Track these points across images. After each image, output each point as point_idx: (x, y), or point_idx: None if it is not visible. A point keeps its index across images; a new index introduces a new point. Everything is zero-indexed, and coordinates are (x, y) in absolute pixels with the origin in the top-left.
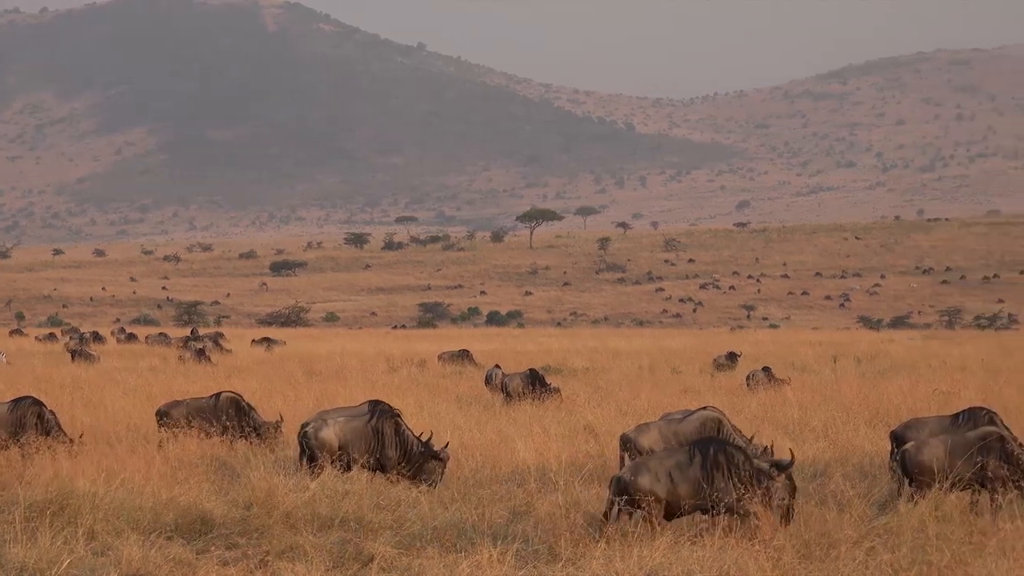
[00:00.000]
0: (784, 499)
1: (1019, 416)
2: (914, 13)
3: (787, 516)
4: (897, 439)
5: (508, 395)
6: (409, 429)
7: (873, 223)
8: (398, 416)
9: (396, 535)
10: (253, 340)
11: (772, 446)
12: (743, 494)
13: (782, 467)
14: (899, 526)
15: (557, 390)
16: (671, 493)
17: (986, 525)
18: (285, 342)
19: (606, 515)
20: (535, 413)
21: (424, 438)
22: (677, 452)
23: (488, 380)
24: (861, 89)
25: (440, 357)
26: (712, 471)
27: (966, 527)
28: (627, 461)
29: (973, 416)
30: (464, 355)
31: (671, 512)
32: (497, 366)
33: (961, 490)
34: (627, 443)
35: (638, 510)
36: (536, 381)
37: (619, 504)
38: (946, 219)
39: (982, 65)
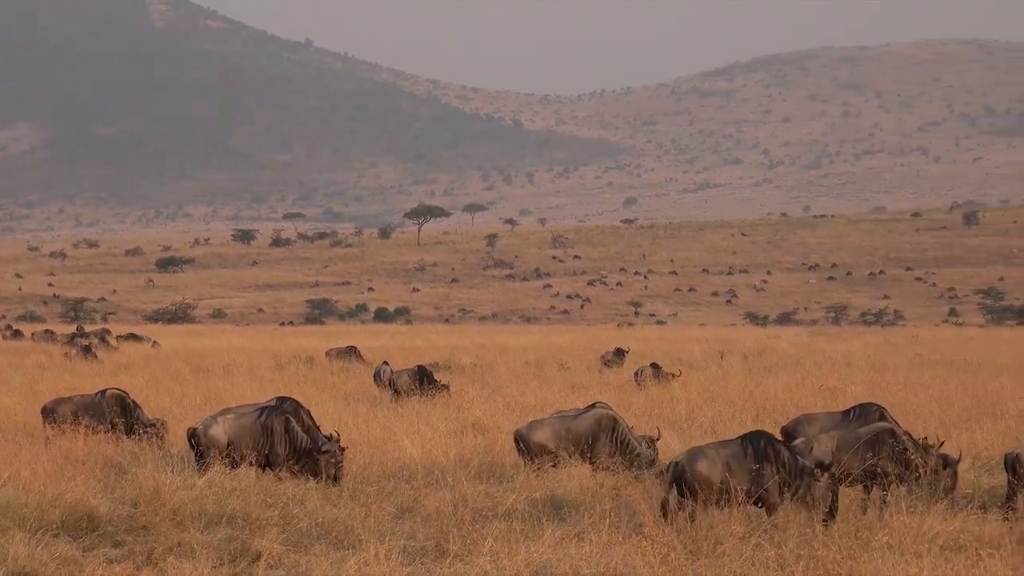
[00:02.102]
0: (827, 497)
1: (905, 411)
2: (800, 11)
3: (831, 513)
4: (787, 435)
5: (396, 392)
6: (315, 426)
7: (759, 220)
8: (288, 414)
9: (283, 532)
10: (118, 336)
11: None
12: (790, 486)
13: (825, 467)
14: (786, 521)
15: (445, 386)
16: (725, 481)
17: (874, 520)
18: (153, 340)
19: (664, 502)
20: (423, 410)
21: (329, 434)
22: (731, 442)
23: (376, 377)
24: (747, 86)
25: (328, 354)
26: (763, 462)
27: (854, 522)
28: (522, 457)
29: (864, 412)
30: (352, 352)
31: (725, 501)
32: (385, 363)
33: (849, 485)
34: (520, 439)
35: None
36: (424, 378)
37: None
38: (832, 216)
39: (868, 62)
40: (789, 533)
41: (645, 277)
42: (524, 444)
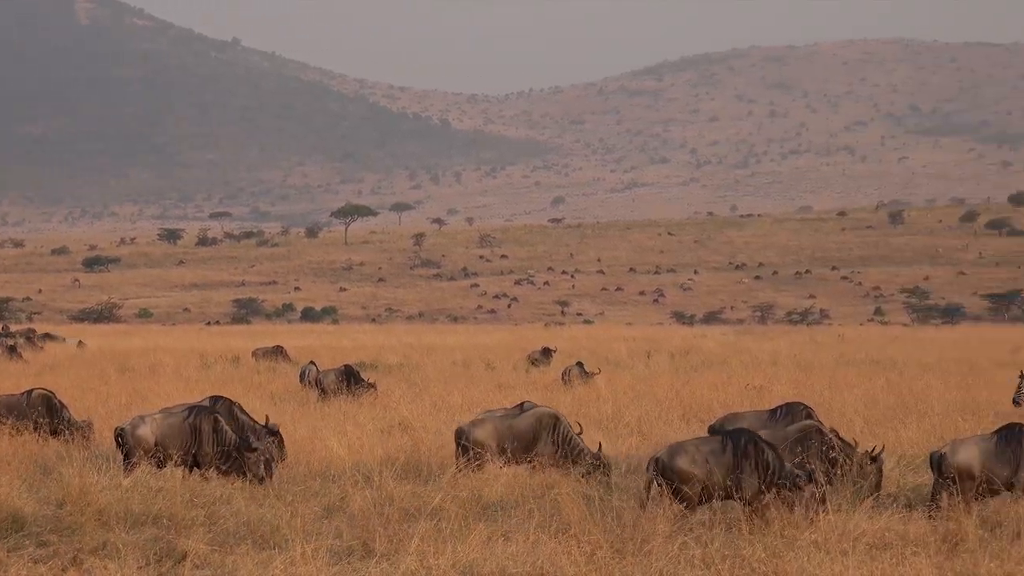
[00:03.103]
0: (812, 505)
1: (831, 410)
2: (728, 10)
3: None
4: (715, 433)
5: (323, 391)
6: (252, 422)
7: (686, 219)
8: (218, 414)
9: (209, 532)
10: (27, 336)
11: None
12: (772, 487)
13: (810, 476)
14: (712, 521)
15: (372, 386)
16: (707, 476)
17: (800, 519)
18: (65, 339)
19: (644, 497)
20: (349, 409)
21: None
22: (711, 439)
23: (302, 376)
24: (675, 86)
25: (254, 353)
26: (743, 460)
27: (780, 521)
28: (460, 454)
29: (790, 411)
30: (278, 351)
31: (705, 496)
32: (312, 362)
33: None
34: (461, 436)
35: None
36: (351, 377)
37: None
38: (759, 215)
39: (795, 62)
40: (715, 532)
41: (572, 276)
42: (465, 441)
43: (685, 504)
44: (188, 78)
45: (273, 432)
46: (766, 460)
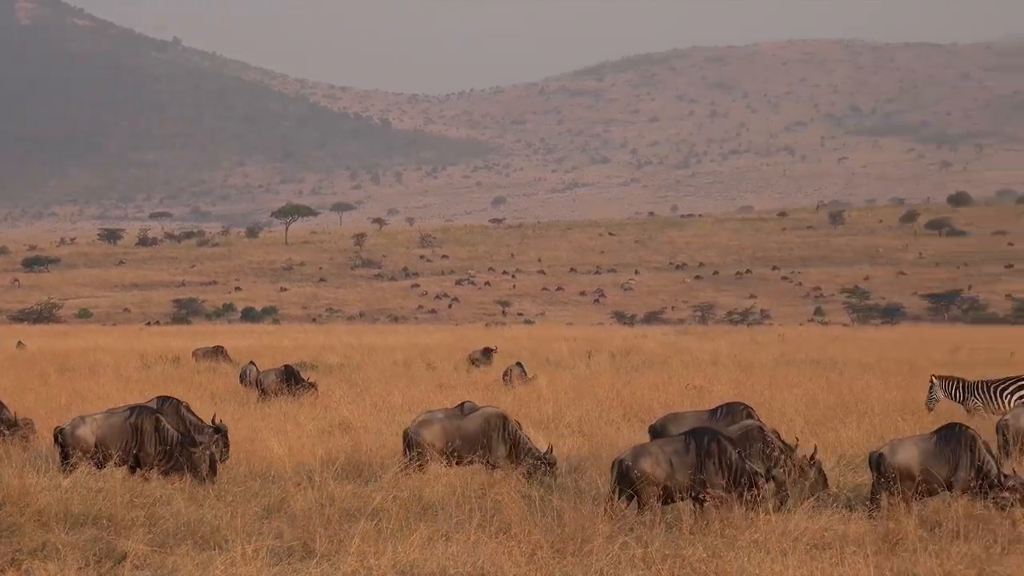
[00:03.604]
0: (774, 503)
1: (771, 410)
2: (669, 11)
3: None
4: (656, 433)
5: (263, 391)
6: (199, 422)
7: (627, 219)
8: (159, 413)
9: (149, 532)
10: None
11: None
12: (737, 486)
13: (770, 474)
14: (653, 520)
15: (312, 386)
16: (670, 477)
17: (740, 518)
18: (4, 339)
19: (609, 499)
20: (290, 409)
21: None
22: (675, 439)
23: (243, 377)
24: (616, 86)
25: (195, 353)
26: (706, 459)
27: (721, 520)
28: (408, 454)
29: (731, 411)
30: (219, 351)
31: (668, 497)
32: (252, 363)
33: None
34: (409, 437)
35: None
36: (291, 377)
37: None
38: (699, 216)
39: (736, 62)
40: (655, 532)
41: (513, 276)
42: (413, 442)
43: (646, 505)
44: (128, 78)
45: (219, 430)
46: (730, 459)
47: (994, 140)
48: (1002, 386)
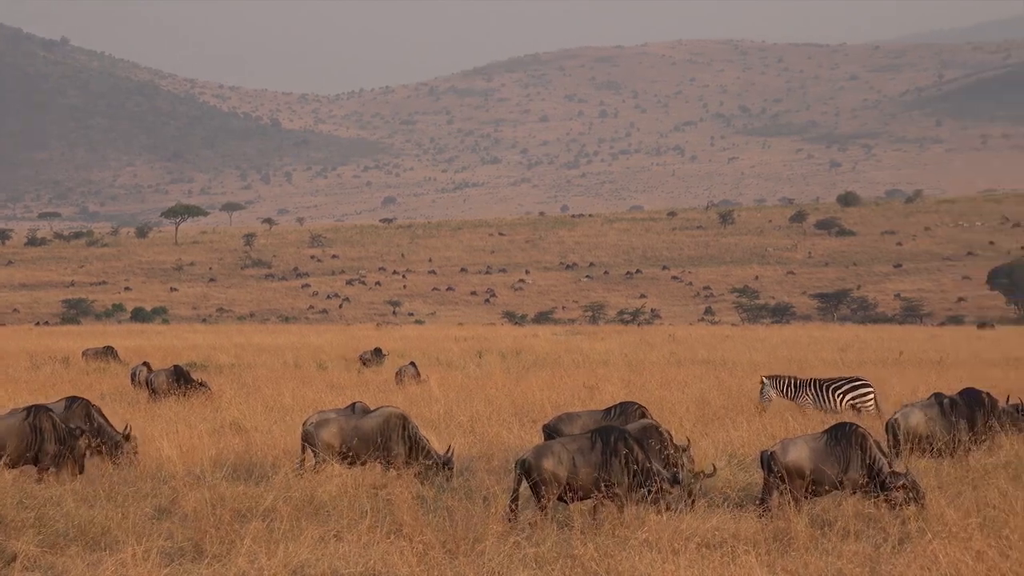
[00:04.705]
0: (678, 505)
1: (662, 409)
2: (557, 11)
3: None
4: (550, 433)
5: (153, 392)
6: (108, 425)
7: (518, 219)
8: (51, 411)
9: (39, 534)
10: None
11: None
12: (642, 485)
13: (676, 480)
14: (545, 520)
15: (203, 386)
16: (572, 476)
17: (631, 518)
18: None
19: (514, 498)
20: (181, 410)
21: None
22: (581, 437)
23: (133, 377)
24: (506, 86)
25: (84, 354)
26: (611, 457)
27: (613, 520)
28: (308, 453)
29: (624, 410)
30: (109, 352)
31: (571, 495)
32: (144, 363)
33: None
34: (307, 436)
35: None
36: (181, 377)
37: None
38: (589, 215)
39: (625, 62)
40: (547, 532)
41: (404, 276)
42: (310, 442)
43: (545, 504)
44: (17, 77)
45: (129, 438)
46: (636, 458)
47: (882, 140)
48: (834, 385)
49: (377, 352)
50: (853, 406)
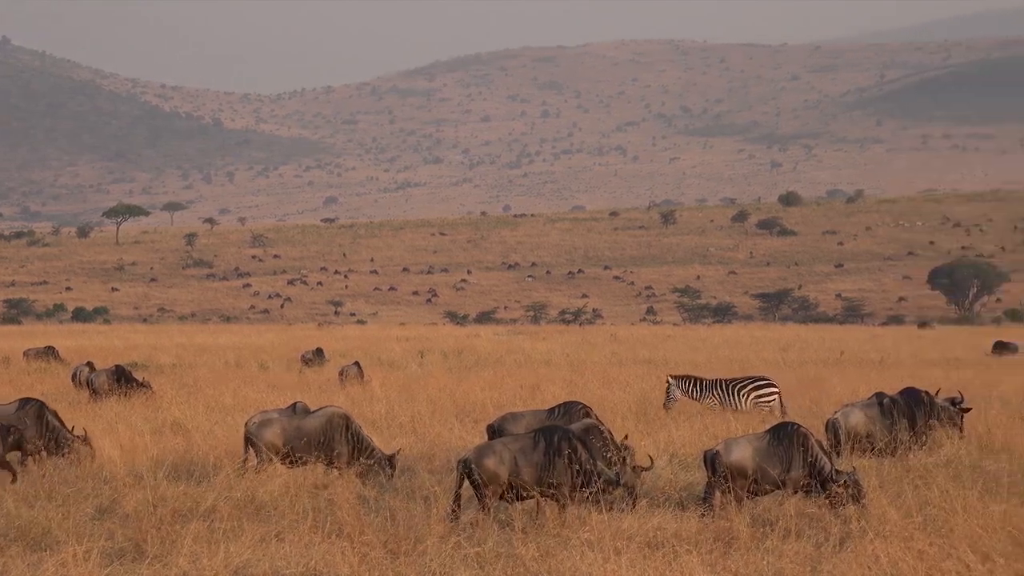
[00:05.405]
0: (617, 505)
1: (604, 409)
2: (498, 11)
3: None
4: (494, 432)
5: (94, 392)
6: (62, 426)
7: (460, 219)
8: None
9: None
10: None
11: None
12: (586, 485)
13: (617, 481)
14: (485, 520)
15: (145, 386)
16: (515, 475)
17: (573, 518)
18: None
19: (456, 498)
20: (122, 410)
21: (79, 433)
22: (524, 436)
23: (74, 377)
24: (447, 86)
25: (25, 354)
26: (555, 457)
27: (554, 520)
28: (251, 453)
29: (568, 410)
30: (50, 352)
31: (515, 494)
32: (88, 363)
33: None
34: (250, 436)
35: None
36: (122, 377)
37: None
38: (531, 215)
39: (567, 62)
40: (489, 531)
41: (346, 276)
42: (253, 442)
43: (487, 504)
44: None
45: (84, 440)
46: (580, 458)
47: (823, 140)
48: (739, 385)
49: (319, 352)
50: (757, 405)
